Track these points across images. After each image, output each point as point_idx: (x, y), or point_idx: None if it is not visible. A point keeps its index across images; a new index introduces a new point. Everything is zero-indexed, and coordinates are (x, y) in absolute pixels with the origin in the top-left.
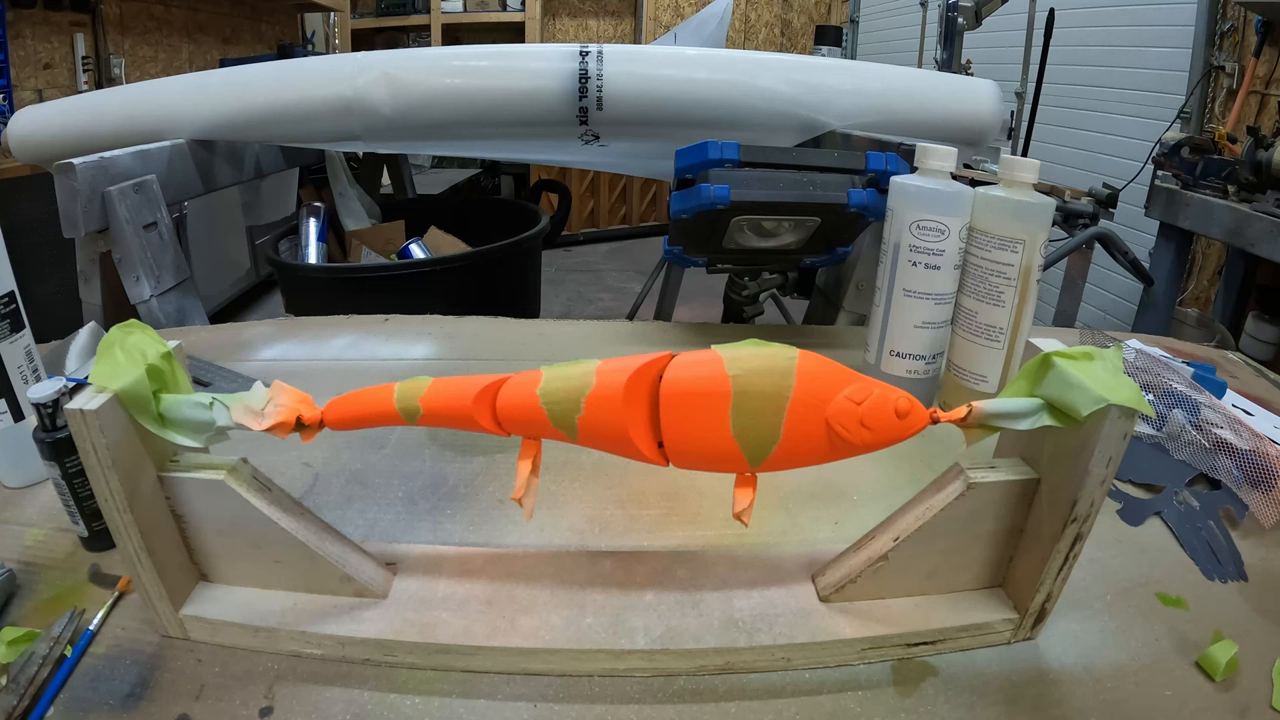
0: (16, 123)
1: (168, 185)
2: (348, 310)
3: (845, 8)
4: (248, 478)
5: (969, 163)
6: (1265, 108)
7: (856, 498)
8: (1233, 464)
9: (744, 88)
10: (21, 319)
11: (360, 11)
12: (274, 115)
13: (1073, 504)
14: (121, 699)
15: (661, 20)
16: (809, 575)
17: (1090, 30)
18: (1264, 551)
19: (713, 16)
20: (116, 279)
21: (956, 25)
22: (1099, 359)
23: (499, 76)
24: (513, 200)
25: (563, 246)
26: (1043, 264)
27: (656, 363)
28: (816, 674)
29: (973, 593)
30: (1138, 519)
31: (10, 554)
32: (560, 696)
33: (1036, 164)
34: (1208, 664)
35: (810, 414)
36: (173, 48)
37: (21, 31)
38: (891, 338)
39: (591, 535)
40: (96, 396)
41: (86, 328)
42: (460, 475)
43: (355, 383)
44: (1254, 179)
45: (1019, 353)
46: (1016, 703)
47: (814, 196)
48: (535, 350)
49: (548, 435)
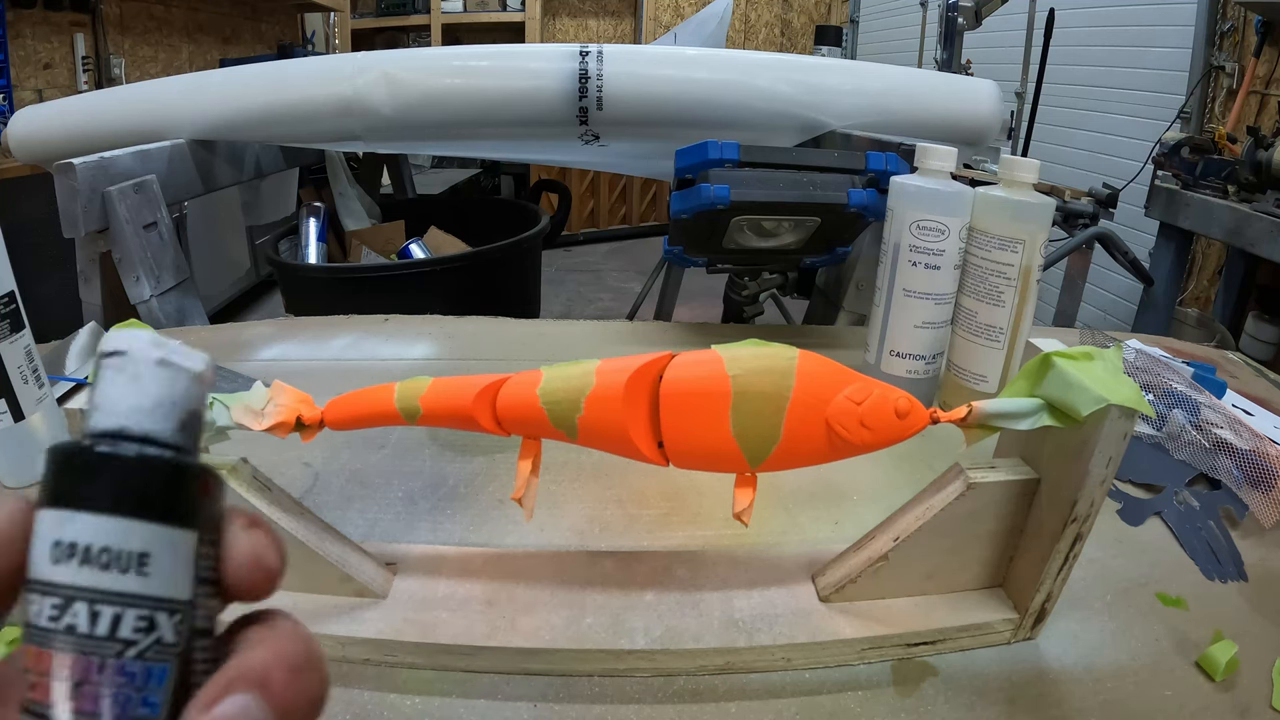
0: (16, 123)
1: (168, 185)
2: (348, 310)
3: (845, 8)
4: (248, 478)
5: (969, 163)
6: (1265, 108)
7: (856, 498)
8: (1233, 464)
9: (744, 88)
10: (21, 319)
11: (360, 11)
12: (274, 115)
13: (1073, 504)
14: None
15: (661, 20)
16: (809, 575)
17: (1090, 30)
18: (1264, 551)
19: (713, 16)
20: (116, 279)
21: (956, 25)
22: (1099, 359)
23: (499, 76)
24: (513, 200)
25: (563, 246)
26: (1043, 264)
27: (656, 363)
28: (816, 674)
29: (973, 593)
30: (1138, 519)
31: None
32: (560, 696)
33: (1036, 164)
34: (1208, 664)
35: (810, 414)
36: (173, 48)
37: (21, 31)
38: (891, 338)
39: (591, 535)
40: None
41: (86, 328)
42: (460, 475)
43: (355, 383)
44: (1254, 179)
45: (1019, 353)
46: (1016, 703)
47: (814, 196)
48: (535, 350)
49: (548, 435)
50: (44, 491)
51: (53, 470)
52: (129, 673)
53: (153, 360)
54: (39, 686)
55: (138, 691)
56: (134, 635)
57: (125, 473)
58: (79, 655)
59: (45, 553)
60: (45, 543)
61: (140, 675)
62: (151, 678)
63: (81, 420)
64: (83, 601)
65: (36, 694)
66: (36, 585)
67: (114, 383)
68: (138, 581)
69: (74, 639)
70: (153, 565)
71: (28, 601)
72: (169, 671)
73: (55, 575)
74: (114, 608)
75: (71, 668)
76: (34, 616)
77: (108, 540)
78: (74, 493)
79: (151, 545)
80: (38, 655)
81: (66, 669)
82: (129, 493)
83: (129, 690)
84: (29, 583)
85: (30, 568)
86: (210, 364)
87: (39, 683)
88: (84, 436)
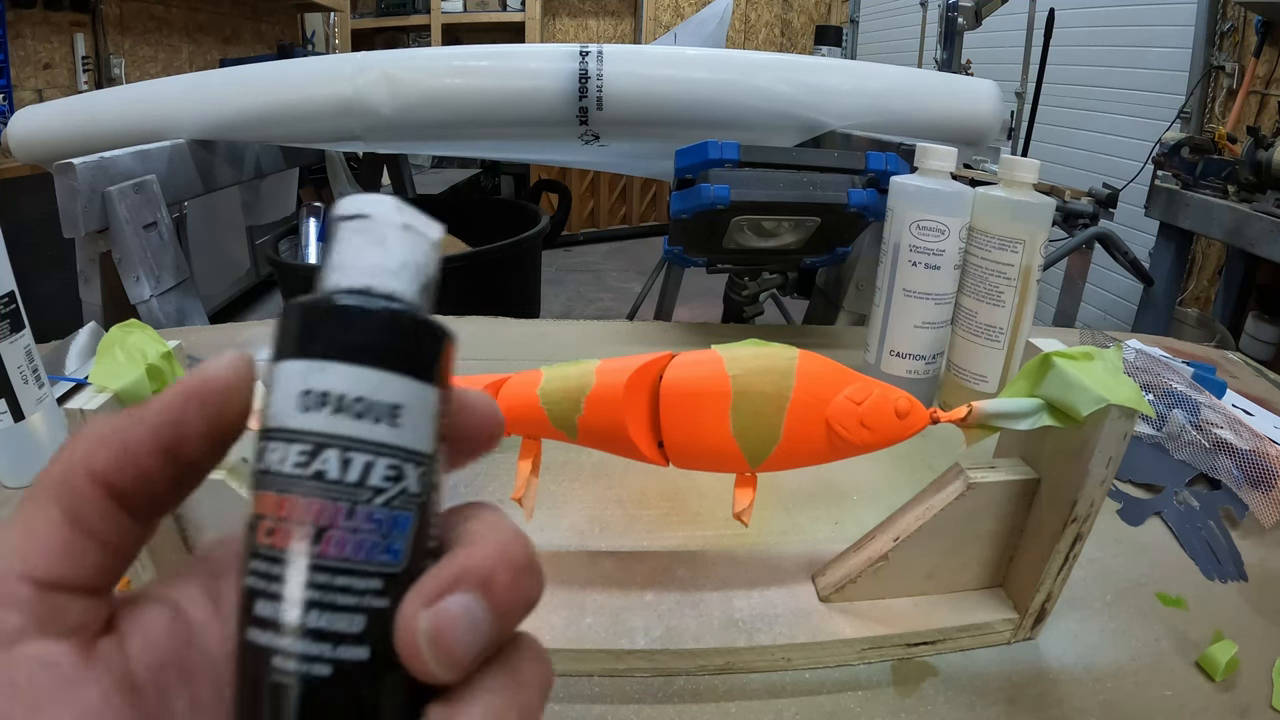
0: (16, 123)
1: (168, 185)
2: None
3: (845, 8)
4: (248, 478)
5: (969, 163)
6: (1265, 108)
7: (856, 498)
8: (1233, 464)
9: (744, 88)
10: (21, 319)
11: (360, 11)
12: (274, 115)
13: (1073, 504)
14: None
15: (661, 20)
16: (809, 575)
17: (1090, 30)
18: (1264, 551)
19: (713, 16)
20: (116, 279)
21: (956, 25)
22: (1099, 359)
23: (499, 76)
24: (513, 200)
25: (563, 246)
26: (1043, 264)
27: (656, 363)
28: (816, 674)
29: (973, 593)
30: (1138, 519)
31: None
32: (560, 696)
33: (1036, 164)
34: (1208, 664)
35: (810, 414)
36: (173, 48)
37: (21, 31)
38: (891, 338)
39: (591, 535)
40: (96, 396)
41: (86, 328)
42: (460, 475)
43: None
44: (1254, 179)
45: (1019, 353)
46: (1016, 703)
47: (814, 196)
48: (535, 350)
49: (548, 435)
50: (287, 343)
51: (299, 323)
52: (376, 519)
53: (398, 224)
54: (278, 532)
55: (383, 538)
56: (383, 483)
57: (383, 327)
58: (328, 501)
59: (292, 401)
60: (292, 392)
61: (386, 522)
62: (396, 526)
63: (319, 279)
64: (334, 449)
65: (275, 539)
66: (280, 433)
67: (357, 244)
68: (390, 432)
69: (322, 485)
70: (403, 417)
71: (266, 450)
72: (411, 521)
73: (305, 423)
74: (366, 455)
75: (319, 513)
76: (275, 464)
77: (363, 391)
78: (329, 344)
79: (404, 398)
80: (278, 502)
81: (313, 514)
82: (386, 346)
83: (375, 537)
84: (268, 431)
85: (270, 417)
86: (444, 233)
87: (278, 528)
88: (325, 294)
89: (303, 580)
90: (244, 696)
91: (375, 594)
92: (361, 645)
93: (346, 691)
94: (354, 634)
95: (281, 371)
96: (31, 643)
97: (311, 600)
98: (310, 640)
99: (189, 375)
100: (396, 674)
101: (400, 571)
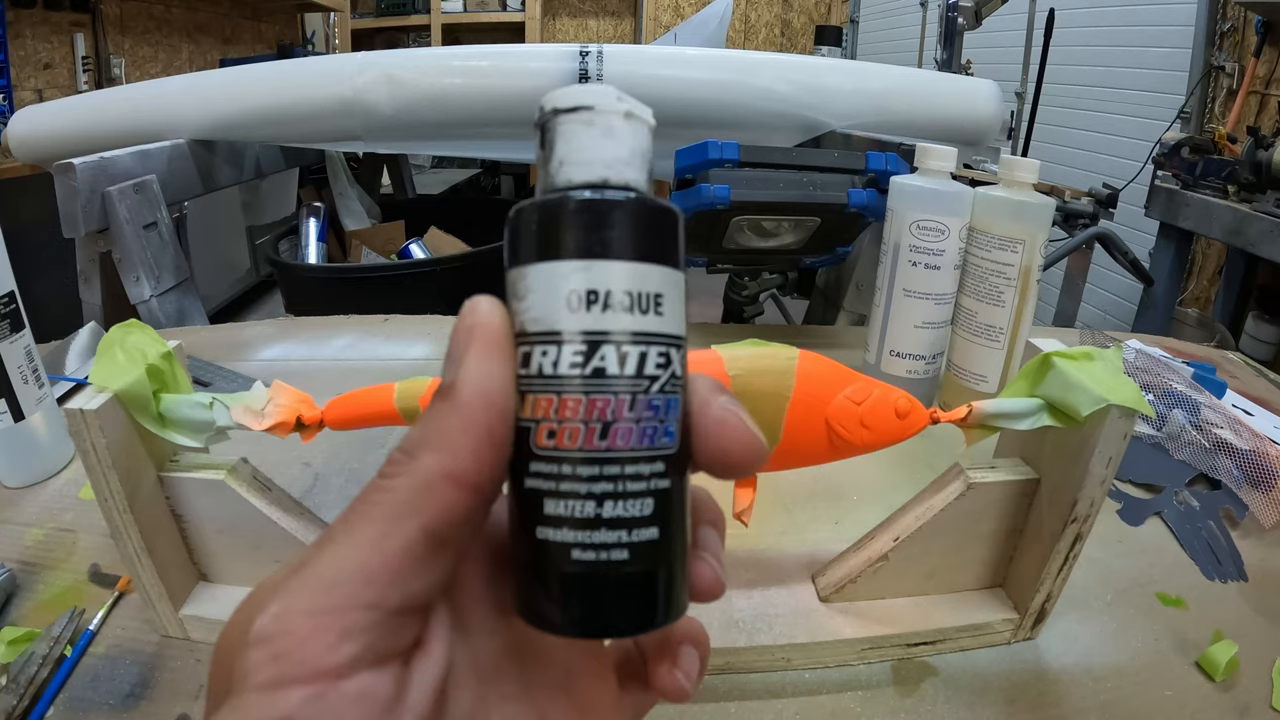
0: (16, 123)
1: (168, 185)
2: (348, 310)
3: (845, 8)
4: (248, 478)
5: (969, 163)
6: (1265, 108)
7: (856, 498)
8: (1233, 464)
9: (744, 88)
10: (21, 319)
11: (360, 11)
12: (274, 115)
13: (1073, 504)
14: (121, 699)
15: (661, 20)
16: (809, 575)
17: (1090, 30)
18: (1264, 551)
19: (713, 16)
20: (116, 279)
21: (956, 25)
22: (1099, 359)
23: (499, 76)
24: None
25: None
26: (1043, 264)
27: None
28: (816, 674)
29: (973, 593)
30: (1138, 519)
31: (10, 554)
32: None
33: (1036, 164)
34: (1208, 664)
35: (810, 414)
36: (173, 48)
37: (21, 31)
38: (891, 338)
39: None
40: (96, 396)
41: (86, 328)
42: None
43: (355, 383)
44: (1254, 179)
45: (1019, 353)
46: (1016, 703)
47: (814, 196)
48: None
49: None
50: (534, 247)
51: (545, 226)
52: (654, 406)
53: (621, 113)
54: (561, 433)
55: (660, 423)
56: (656, 370)
57: (635, 219)
58: (610, 395)
59: (559, 304)
60: (556, 295)
61: (662, 408)
62: (670, 409)
63: (542, 177)
64: (610, 344)
65: (559, 440)
66: (547, 336)
67: (586, 136)
68: (656, 321)
69: (603, 380)
70: (665, 305)
71: (532, 354)
72: (678, 401)
73: (576, 323)
74: (640, 347)
75: (604, 408)
76: (546, 366)
77: (629, 284)
78: (585, 242)
79: (663, 286)
80: (560, 403)
81: (598, 410)
82: (642, 238)
83: (654, 423)
84: (531, 335)
85: (531, 321)
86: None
87: (561, 429)
88: (562, 191)
89: (595, 474)
90: (541, 594)
91: (659, 476)
92: (651, 526)
93: (641, 569)
94: (645, 517)
95: (536, 275)
96: (362, 674)
97: (606, 492)
98: (608, 529)
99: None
100: (679, 543)
101: (676, 451)
